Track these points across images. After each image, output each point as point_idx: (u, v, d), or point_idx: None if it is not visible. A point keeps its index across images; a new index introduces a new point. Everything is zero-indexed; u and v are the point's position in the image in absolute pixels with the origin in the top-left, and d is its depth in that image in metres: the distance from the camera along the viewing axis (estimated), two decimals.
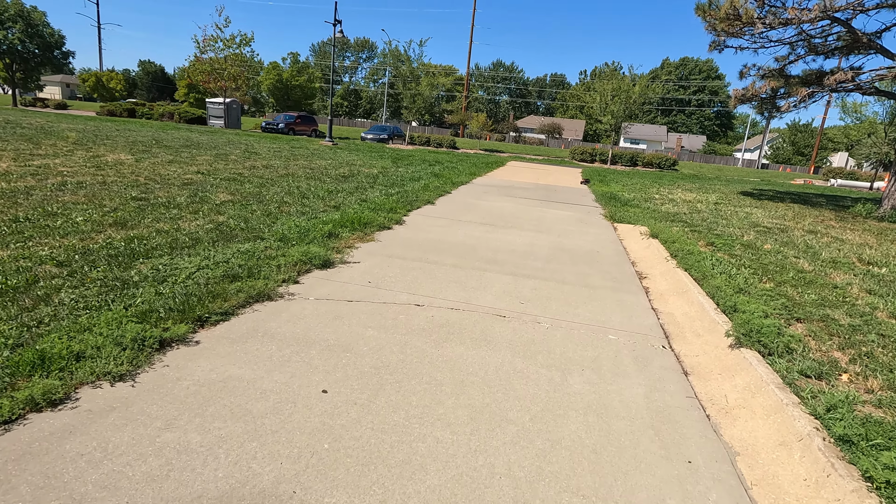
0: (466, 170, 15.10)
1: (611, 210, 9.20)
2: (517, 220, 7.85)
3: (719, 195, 12.89)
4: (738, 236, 7.15)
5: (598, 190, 12.61)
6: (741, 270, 5.02)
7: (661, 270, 5.30)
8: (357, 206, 7.26)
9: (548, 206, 9.56)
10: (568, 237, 6.88)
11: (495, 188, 11.70)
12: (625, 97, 25.00)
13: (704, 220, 8.45)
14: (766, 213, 10.01)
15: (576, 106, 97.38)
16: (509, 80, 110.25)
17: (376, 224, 6.29)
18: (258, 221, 5.88)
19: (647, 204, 10.26)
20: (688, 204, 10.63)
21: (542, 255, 5.75)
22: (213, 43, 27.04)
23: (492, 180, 13.50)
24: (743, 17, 10.49)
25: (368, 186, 9.76)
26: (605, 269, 5.44)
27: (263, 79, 45.25)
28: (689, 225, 7.85)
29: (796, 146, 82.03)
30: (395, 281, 4.38)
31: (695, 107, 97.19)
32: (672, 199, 11.47)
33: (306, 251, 4.64)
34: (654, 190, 13.45)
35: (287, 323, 3.30)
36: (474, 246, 5.89)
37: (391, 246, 5.54)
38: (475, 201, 9.30)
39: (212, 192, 7.69)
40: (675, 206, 10.11)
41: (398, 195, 8.69)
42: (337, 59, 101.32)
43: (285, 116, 32.04)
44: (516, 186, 12.46)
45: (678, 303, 4.34)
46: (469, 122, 47.67)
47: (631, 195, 11.72)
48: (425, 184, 10.56)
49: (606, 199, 10.83)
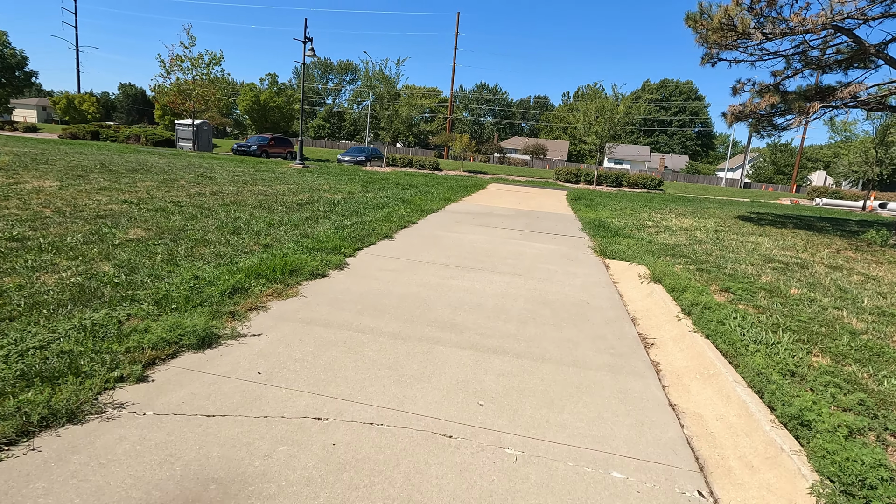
0: (442, 194, 13.87)
1: (600, 242, 7.97)
2: (490, 257, 6.55)
3: (717, 221, 11.79)
4: (755, 277, 5.93)
5: (585, 216, 11.42)
6: (779, 335, 3.75)
7: (673, 334, 4.00)
8: (293, 245, 5.91)
9: (528, 238, 8.29)
10: (551, 281, 5.59)
11: (471, 216, 10.44)
12: (609, 117, 24.24)
13: (709, 255, 7.24)
14: (774, 242, 8.87)
15: (559, 127, 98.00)
16: (493, 102, 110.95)
17: (307, 270, 4.93)
18: (150, 271, 4.48)
19: (641, 233, 9.07)
20: (685, 232, 9.46)
21: (518, 313, 4.43)
22: (179, 63, 25.79)
23: (468, 206, 12.26)
24: (738, 27, 9.54)
25: (322, 216, 8.43)
26: (598, 331, 4.13)
27: (241, 100, 44.15)
28: (693, 261, 6.63)
29: (777, 165, 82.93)
30: (298, 370, 3.02)
31: (676, 127, 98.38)
32: (667, 226, 10.32)
33: (178, 323, 3.26)
34: (645, 215, 12.32)
35: (62, 484, 1.89)
36: (430, 300, 4.55)
37: (316, 304, 4.18)
38: (444, 233, 8.00)
39: (123, 228, 6.29)
40: (671, 236, 8.93)
41: (352, 228, 7.36)
42: (320, 81, 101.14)
43: (258, 138, 30.78)
44: (495, 213, 11.22)
45: (706, 394, 3.03)
46: (452, 144, 46.83)
47: (621, 222, 10.54)
48: (389, 212, 9.26)
49: (595, 227, 9.62)
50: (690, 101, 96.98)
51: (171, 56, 25.67)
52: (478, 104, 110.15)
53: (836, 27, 9.24)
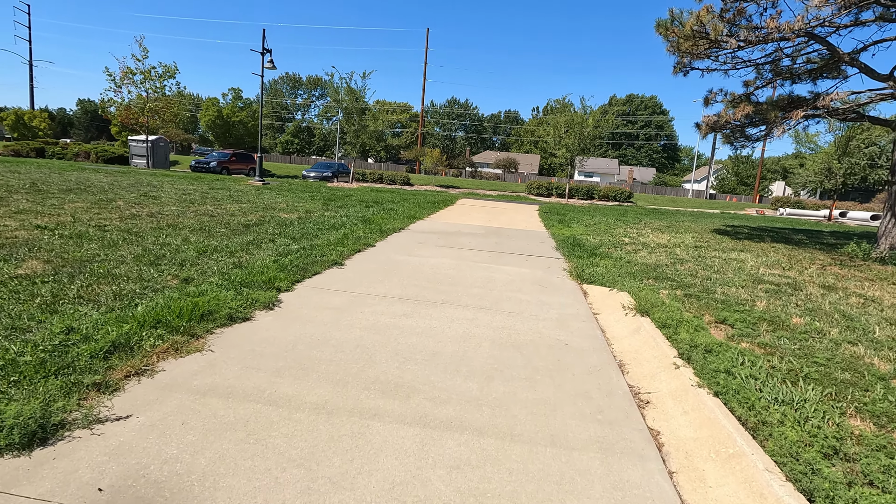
0: (407, 211, 13.04)
1: (577, 263, 7.25)
2: (454, 286, 5.73)
3: (694, 235, 11.31)
4: (749, 302, 5.28)
5: (558, 234, 10.76)
6: (801, 388, 3.03)
7: (672, 388, 3.24)
8: (216, 280, 4.95)
9: (498, 260, 7.52)
10: (523, 316, 4.79)
11: (436, 236, 9.63)
12: (578, 130, 24.01)
13: (695, 276, 6.60)
14: (757, 259, 8.35)
15: (530, 141, 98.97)
16: (464, 117, 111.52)
17: (224, 313, 4.00)
18: (10, 323, 3.48)
19: (619, 252, 8.42)
20: (665, 250, 8.87)
21: (482, 362, 3.60)
22: (130, 76, 24.38)
23: (434, 224, 11.46)
24: (711, 34, 9.13)
25: (268, 240, 7.47)
26: (581, 386, 3.34)
27: (203, 115, 42.60)
28: (679, 285, 5.96)
29: (739, 176, 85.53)
30: (163, 479, 2.10)
31: (643, 140, 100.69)
32: (645, 242, 9.73)
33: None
34: (621, 231, 11.76)
35: None
36: (374, 349, 3.68)
37: (224, 363, 3.25)
38: (404, 258, 7.15)
39: (16, 261, 5.22)
40: (651, 254, 8.31)
41: (298, 254, 6.44)
42: (289, 96, 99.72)
43: (218, 154, 29.44)
44: (463, 232, 10.45)
45: (730, 489, 2.25)
46: (423, 159, 46.28)
47: (597, 239, 9.91)
48: (345, 234, 8.36)
49: (569, 246, 8.93)
50: (656, 115, 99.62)
51: (121, 69, 24.25)
52: (449, 119, 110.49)
53: (809, 34, 8.93)
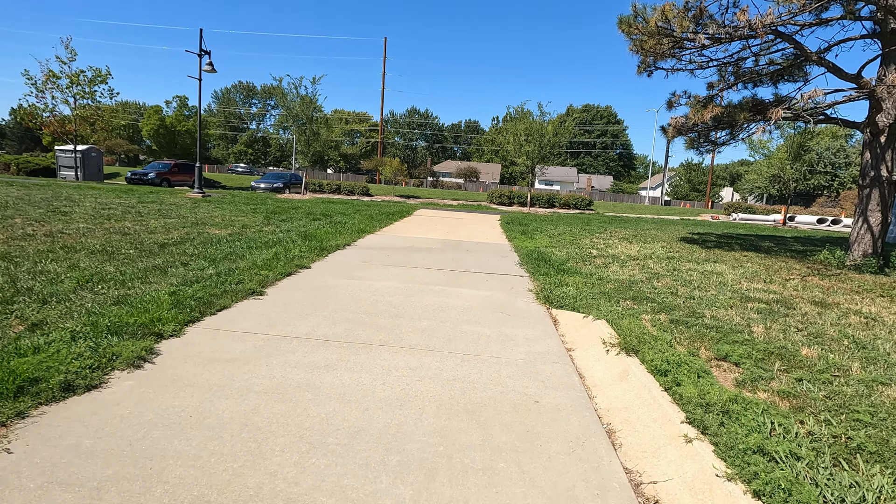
0: (357, 224, 11.90)
1: (543, 283, 6.35)
2: (399, 318, 4.69)
3: (663, 245, 10.69)
4: (744, 328, 4.49)
5: (521, 246, 9.89)
6: (865, 475, 2.16)
7: (688, 476, 2.30)
8: (76, 324, 3.72)
9: (454, 282, 6.52)
10: (481, 359, 3.80)
11: (386, 252, 8.56)
12: (538, 137, 23.54)
13: (675, 294, 5.82)
14: (735, 271, 7.72)
15: (491, 150, 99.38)
16: (425, 126, 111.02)
17: (57, 381, 2.80)
18: None
19: (588, 266, 7.60)
20: (637, 263, 8.13)
21: (421, 445, 2.56)
22: (54, 80, 22.16)
23: (386, 238, 10.38)
24: (676, 30, 8.54)
25: (179, 264, 6.21)
26: (562, 479, 2.34)
27: (144, 123, 40.01)
28: (661, 307, 5.14)
29: (692, 183, 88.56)
30: None
31: (600, 149, 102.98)
32: (614, 254, 8.99)
33: None
34: (587, 241, 11.03)
35: None
36: (268, 430, 2.58)
37: (15, 474, 2.07)
38: (342, 282, 6.04)
39: None
40: (623, 268, 7.53)
41: (207, 283, 5.24)
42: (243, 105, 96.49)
43: (159, 165, 27.34)
44: (417, 247, 9.41)
45: None
46: (382, 168, 45.03)
47: (563, 252, 9.09)
48: (277, 253, 7.17)
49: (534, 260, 8.05)
50: (611, 124, 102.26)
51: (43, 72, 21.99)
52: (409, 128, 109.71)
53: (776, 32, 8.48)
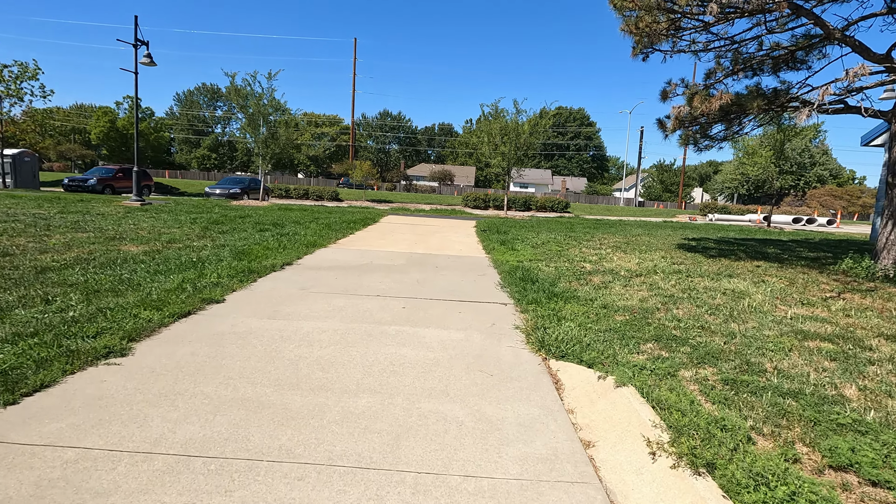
0: (309, 236, 10.18)
1: (534, 316, 4.82)
2: (322, 393, 3.06)
3: (663, 255, 9.32)
4: (835, 394, 3.05)
5: (502, 260, 8.34)
6: None
7: None
8: None
9: (415, 317, 4.93)
10: (445, 489, 2.21)
11: (334, 273, 6.90)
12: (514, 137, 22.19)
13: (709, 330, 4.37)
14: (759, 289, 6.36)
15: (465, 153, 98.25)
16: (398, 130, 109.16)
17: None
18: None
19: (585, 287, 6.12)
20: (641, 280, 6.69)
21: None
22: None
23: (340, 253, 8.71)
24: (679, 1, 7.18)
25: (38, 300, 4.43)
26: None
27: (92, 126, 37.14)
28: (699, 352, 3.67)
29: (664, 184, 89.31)
30: None
31: (573, 151, 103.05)
32: (611, 268, 7.54)
33: None
34: (575, 251, 9.58)
35: None
36: None
37: None
38: (258, 323, 4.37)
39: None
40: (628, 289, 6.07)
41: (50, 335, 3.51)
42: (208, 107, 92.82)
43: (101, 170, 24.90)
44: (375, 264, 7.76)
45: None
46: (352, 172, 43.18)
47: (551, 267, 7.60)
48: (185, 280, 5.44)
49: (519, 281, 6.51)
50: (584, 126, 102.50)
51: None
52: (382, 132, 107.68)
53: (795, 6, 7.20)
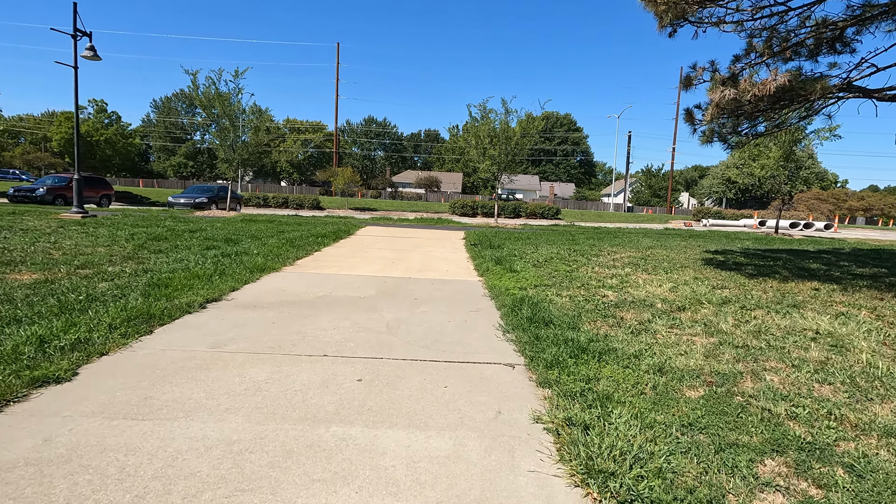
0: (262, 256, 8.31)
1: (560, 396, 3.06)
2: None
3: (694, 275, 7.65)
4: None
5: (501, 287, 6.55)
6: None
7: None
8: None
9: (374, 402, 3.14)
10: None
11: (274, 312, 5.07)
12: (504, 139, 20.58)
13: (851, 426, 2.66)
14: (856, 332, 4.70)
15: (452, 159, 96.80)
16: (383, 136, 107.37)
17: None
18: None
19: (620, 331, 4.39)
20: (692, 319, 4.98)
21: None
22: None
23: (293, 280, 6.86)
24: None
25: None
26: None
27: (54, 132, 34.77)
28: (865, 490, 1.94)
29: (652, 189, 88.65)
30: None
31: (561, 157, 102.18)
32: (644, 299, 5.82)
33: None
34: (587, 271, 7.87)
35: None
36: None
37: None
38: (104, 432, 2.54)
39: None
40: (682, 335, 4.36)
41: None
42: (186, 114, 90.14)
43: (53, 179, 22.73)
44: (335, 297, 5.92)
45: None
46: (334, 180, 41.25)
47: (565, 297, 5.86)
48: (34, 333, 3.59)
49: (527, 322, 4.74)
50: (571, 131, 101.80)
51: None
52: (367, 138, 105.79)
53: None
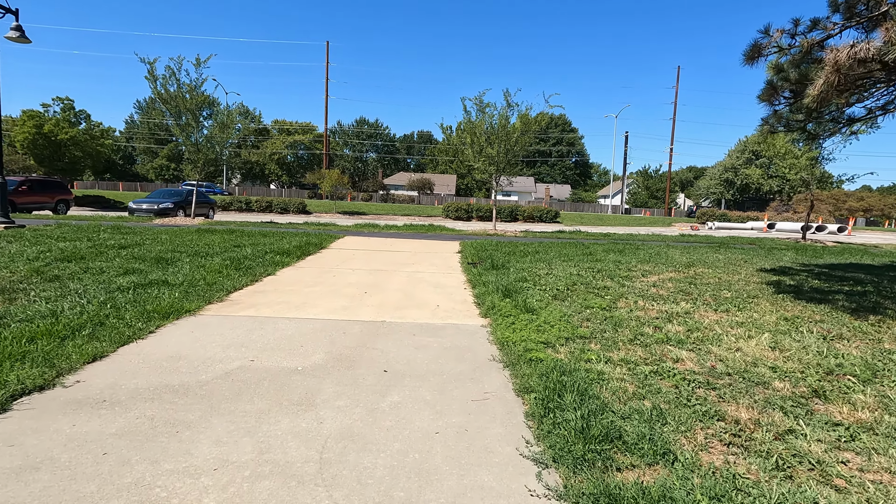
0: (187, 286, 6.19)
1: None
2: None
3: (781, 314, 5.62)
4: None
5: (515, 341, 4.45)
6: None
7: None
8: None
9: None
10: None
11: (132, 415, 2.99)
12: (503, 136, 18.61)
13: None
14: None
15: (446, 161, 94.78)
16: (375, 137, 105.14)
17: None
18: None
19: (753, 464, 2.37)
20: (852, 418, 2.98)
21: None
22: None
23: (207, 331, 4.77)
24: None
25: None
26: None
27: (17, 132, 32.45)
28: None
29: (650, 190, 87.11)
30: None
31: (556, 158, 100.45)
32: (745, 371, 3.80)
33: None
34: (629, 306, 5.83)
35: None
36: None
37: None
38: None
39: None
40: (864, 472, 2.34)
41: None
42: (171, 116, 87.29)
43: None
44: (255, 370, 3.81)
45: None
46: (320, 182, 39.14)
47: (619, 367, 3.82)
48: None
49: (580, 445, 2.67)
50: (566, 132, 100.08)
51: None
52: (359, 139, 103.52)
53: None
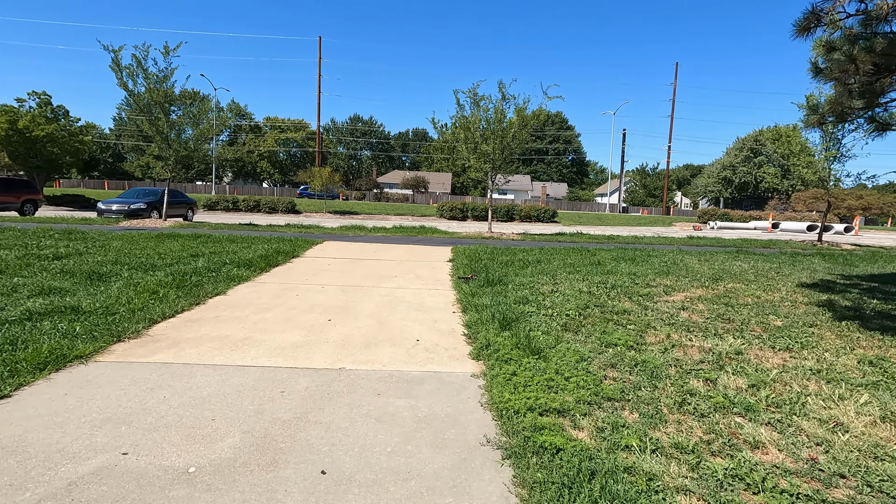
0: (100, 315, 4.90)
1: None
2: None
3: (859, 354, 4.41)
4: None
5: (520, 410, 3.16)
6: None
7: None
8: None
9: None
10: None
11: None
12: (500, 132, 17.36)
13: None
14: None
15: (441, 158, 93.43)
16: (370, 135, 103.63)
17: None
18: None
19: None
20: None
21: None
22: None
23: (75, 401, 3.49)
24: None
25: None
26: None
27: None
28: None
29: (647, 188, 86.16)
30: None
31: (552, 156, 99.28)
32: (858, 468, 2.58)
33: None
34: (663, 343, 4.60)
35: None
36: None
37: None
38: None
39: None
40: None
41: None
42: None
43: None
44: (105, 482, 2.48)
45: None
46: (310, 181, 37.76)
47: (677, 465, 2.58)
48: None
49: None
50: (563, 130, 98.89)
51: None
52: (353, 137, 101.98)
53: None
